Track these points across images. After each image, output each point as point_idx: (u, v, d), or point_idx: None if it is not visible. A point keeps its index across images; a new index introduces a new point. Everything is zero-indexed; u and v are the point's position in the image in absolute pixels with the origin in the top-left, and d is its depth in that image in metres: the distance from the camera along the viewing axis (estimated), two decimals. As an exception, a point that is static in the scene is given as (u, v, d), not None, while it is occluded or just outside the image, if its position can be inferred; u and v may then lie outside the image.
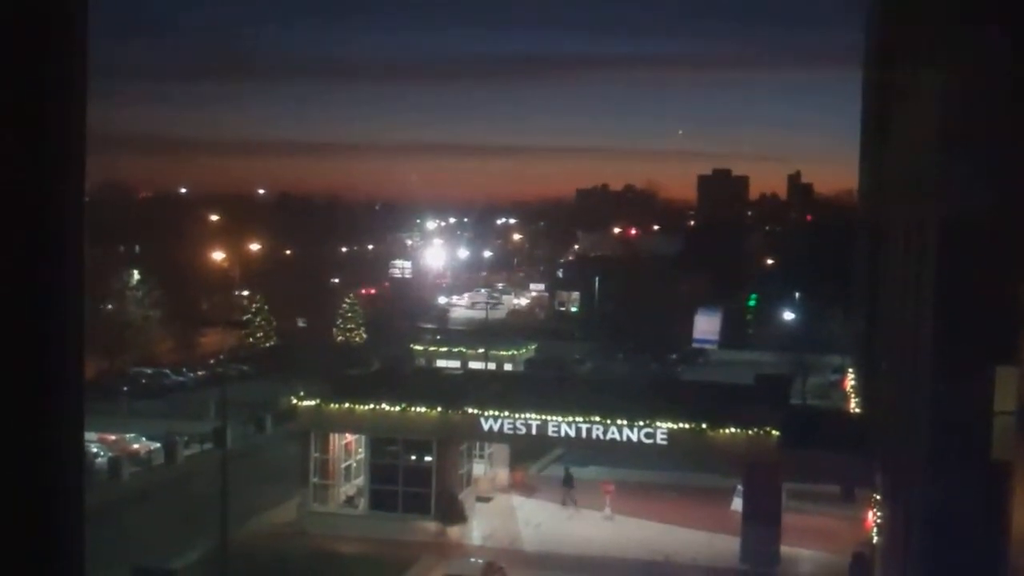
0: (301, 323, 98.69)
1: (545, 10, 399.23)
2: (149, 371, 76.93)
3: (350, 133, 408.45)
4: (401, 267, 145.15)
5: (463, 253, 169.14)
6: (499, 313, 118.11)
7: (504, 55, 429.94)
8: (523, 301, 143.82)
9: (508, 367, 63.23)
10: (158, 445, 55.39)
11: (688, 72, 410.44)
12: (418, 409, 42.80)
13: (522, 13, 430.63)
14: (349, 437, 45.42)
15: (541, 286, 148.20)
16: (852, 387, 63.87)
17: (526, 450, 50.73)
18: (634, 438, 41.17)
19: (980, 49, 19.08)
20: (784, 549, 39.98)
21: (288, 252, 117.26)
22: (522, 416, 42.12)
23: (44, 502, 3.63)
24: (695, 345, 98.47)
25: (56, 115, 3.76)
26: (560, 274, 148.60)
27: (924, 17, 25.15)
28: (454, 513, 43.10)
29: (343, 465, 45.30)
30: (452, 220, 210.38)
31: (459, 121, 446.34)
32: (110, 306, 78.55)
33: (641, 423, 40.98)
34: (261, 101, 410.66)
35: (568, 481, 47.47)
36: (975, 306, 19.38)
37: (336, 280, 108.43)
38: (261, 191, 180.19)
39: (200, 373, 78.47)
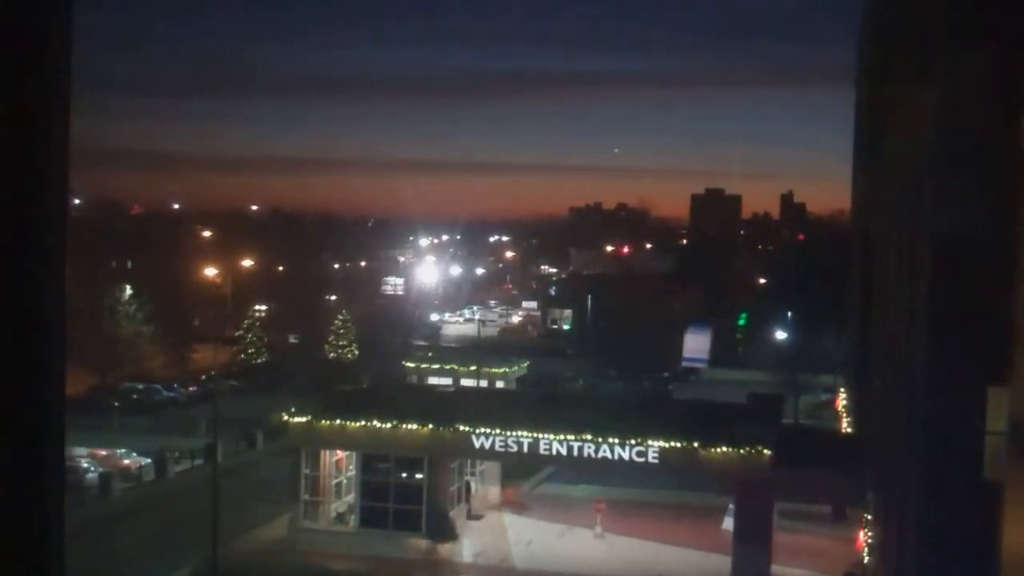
0: (293, 339, 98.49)
1: (537, 28, 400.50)
2: (141, 386, 76.68)
3: (343, 150, 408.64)
4: (394, 284, 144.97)
5: (455, 270, 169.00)
6: (491, 330, 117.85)
7: (497, 73, 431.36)
8: (515, 318, 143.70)
9: (500, 384, 63.06)
10: (149, 461, 55.24)
11: (681, 90, 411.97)
12: (409, 426, 42.68)
13: (514, 31, 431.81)
14: (340, 454, 45.26)
15: (533, 303, 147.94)
16: (844, 406, 63.85)
17: (518, 468, 50.59)
18: (626, 456, 41.07)
19: (972, 65, 19.10)
20: (775, 568, 39.85)
21: (281, 268, 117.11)
22: (514, 434, 41.99)
23: (25, 519, 3.58)
24: (684, 364, 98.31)
25: (40, 130, 3.73)
26: (552, 291, 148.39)
27: (916, 34, 25.22)
28: (445, 530, 42.98)
29: (334, 482, 45.14)
30: (445, 237, 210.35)
31: (452, 138, 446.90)
32: (102, 321, 78.27)
33: (633, 441, 40.89)
34: (255, 117, 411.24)
35: (465, 494, 47.88)
36: (968, 325, 19.36)
37: (328, 296, 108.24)
38: (254, 207, 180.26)
39: (192, 389, 78.38)
